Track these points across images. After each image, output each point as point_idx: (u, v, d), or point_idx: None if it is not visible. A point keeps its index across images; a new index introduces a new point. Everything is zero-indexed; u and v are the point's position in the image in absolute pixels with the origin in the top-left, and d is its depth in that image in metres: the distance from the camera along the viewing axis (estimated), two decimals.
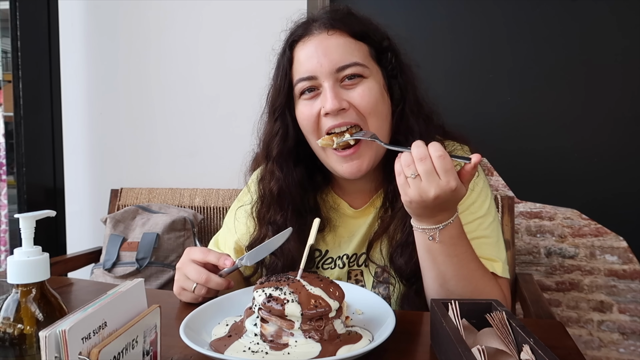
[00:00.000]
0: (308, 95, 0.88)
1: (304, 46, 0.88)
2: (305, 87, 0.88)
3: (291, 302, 0.64)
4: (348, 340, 0.66)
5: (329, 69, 0.85)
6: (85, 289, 1.10)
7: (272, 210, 0.96)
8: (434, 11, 1.85)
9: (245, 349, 0.65)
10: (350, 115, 0.86)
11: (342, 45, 0.86)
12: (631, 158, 1.70)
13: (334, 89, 0.85)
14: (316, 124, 0.88)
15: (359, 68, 0.86)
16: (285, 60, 0.90)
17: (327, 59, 0.85)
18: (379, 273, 0.96)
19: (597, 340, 1.76)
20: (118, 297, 0.52)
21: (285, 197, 0.94)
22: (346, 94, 0.86)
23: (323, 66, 0.85)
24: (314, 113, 0.88)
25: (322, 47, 0.86)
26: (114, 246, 1.74)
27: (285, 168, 0.94)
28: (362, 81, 0.87)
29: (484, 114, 1.82)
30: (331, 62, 0.85)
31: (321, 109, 0.86)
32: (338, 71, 0.85)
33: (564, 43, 1.74)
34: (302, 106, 0.90)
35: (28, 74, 2.00)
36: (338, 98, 0.85)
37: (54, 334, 0.43)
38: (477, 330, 0.68)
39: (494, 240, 0.93)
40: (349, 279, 0.98)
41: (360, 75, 0.86)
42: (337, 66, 0.85)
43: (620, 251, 1.73)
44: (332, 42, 0.86)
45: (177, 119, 2.05)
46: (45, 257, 0.55)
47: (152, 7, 2.04)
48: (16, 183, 2.06)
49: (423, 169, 0.71)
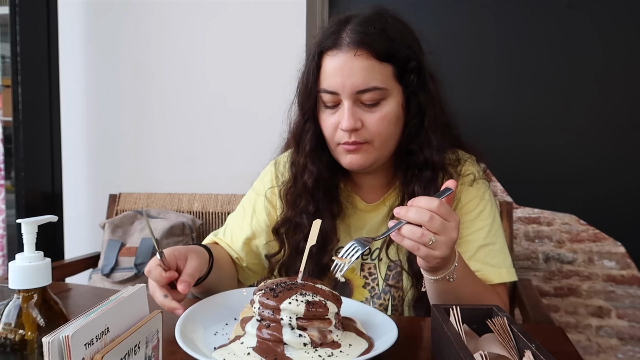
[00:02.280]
0: (330, 108, 0.94)
1: (331, 59, 0.92)
2: (329, 100, 0.93)
3: (329, 302, 0.68)
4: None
5: (350, 90, 0.90)
6: (84, 294, 1.09)
7: (303, 201, 1.00)
8: (435, 17, 1.86)
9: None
10: (362, 135, 0.92)
11: (366, 68, 0.89)
12: (630, 164, 1.71)
13: (352, 109, 0.90)
14: (333, 134, 0.94)
15: (378, 92, 0.90)
16: (314, 65, 0.94)
17: (350, 81, 0.89)
18: (392, 267, 1.00)
19: (596, 345, 1.76)
20: (120, 302, 0.52)
21: (319, 187, 1.00)
22: (363, 115, 0.91)
23: (345, 86, 0.90)
24: (333, 124, 0.94)
25: (347, 68, 0.90)
26: (113, 251, 1.73)
27: (317, 160, 1.00)
28: (380, 104, 0.92)
29: (482, 119, 1.83)
30: (353, 84, 0.89)
31: (339, 122, 0.92)
32: (358, 93, 0.90)
33: (563, 50, 1.75)
34: (325, 115, 0.96)
35: (27, 79, 2.00)
36: (354, 118, 0.90)
37: (57, 340, 0.43)
38: (478, 335, 0.68)
39: (500, 247, 0.98)
40: (362, 270, 1.02)
41: (378, 101, 0.91)
42: (358, 89, 0.89)
43: (618, 257, 1.73)
44: (356, 63, 0.89)
45: (176, 124, 2.05)
46: (47, 262, 0.54)
47: (151, 13, 2.04)
48: (14, 188, 2.06)
49: (437, 226, 0.71)
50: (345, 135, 0.92)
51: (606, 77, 1.72)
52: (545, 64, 1.77)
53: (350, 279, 1.03)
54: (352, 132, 0.91)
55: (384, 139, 0.93)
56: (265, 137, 1.21)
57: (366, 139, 0.92)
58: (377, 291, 1.01)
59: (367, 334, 0.74)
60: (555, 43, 1.76)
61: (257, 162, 1.24)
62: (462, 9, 1.83)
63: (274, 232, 1.04)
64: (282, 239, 1.04)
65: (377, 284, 1.01)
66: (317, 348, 0.66)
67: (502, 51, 1.81)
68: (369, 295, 1.01)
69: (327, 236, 0.99)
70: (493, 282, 0.94)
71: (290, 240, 1.02)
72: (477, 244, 0.96)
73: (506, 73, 1.81)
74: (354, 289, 1.02)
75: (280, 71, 1.93)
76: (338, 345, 0.68)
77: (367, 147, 0.93)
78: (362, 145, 0.92)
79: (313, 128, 0.98)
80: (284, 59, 1.90)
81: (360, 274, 1.02)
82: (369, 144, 0.93)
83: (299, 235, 1.01)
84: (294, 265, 1.01)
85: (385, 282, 1.00)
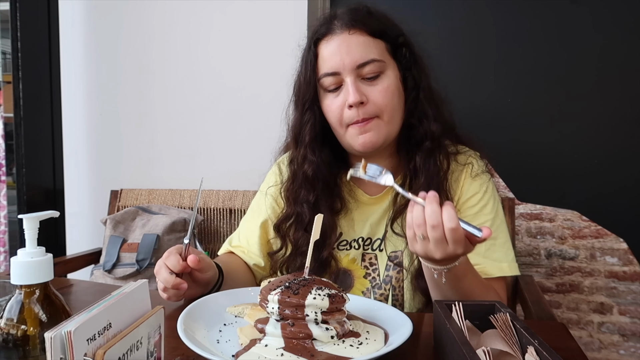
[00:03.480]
0: (333, 91, 0.97)
1: (327, 44, 0.96)
2: (330, 82, 0.96)
3: (344, 294, 0.69)
4: None
5: (351, 66, 0.93)
6: (86, 290, 1.09)
7: (304, 191, 1.03)
8: (436, 13, 1.85)
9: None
10: (369, 108, 0.94)
11: (362, 44, 0.94)
12: (632, 160, 1.71)
13: (355, 84, 0.94)
14: (340, 116, 0.96)
15: (377, 64, 0.94)
16: (311, 55, 0.98)
17: (349, 57, 0.93)
18: (393, 257, 1.01)
19: (598, 342, 1.76)
20: (122, 298, 0.52)
21: (318, 178, 1.02)
22: (366, 89, 0.95)
23: (345, 63, 0.93)
24: (338, 106, 0.96)
25: (344, 46, 0.94)
26: (114, 247, 1.73)
27: (317, 151, 1.02)
28: (380, 77, 0.95)
29: (484, 115, 1.82)
30: (352, 59, 0.93)
31: (345, 101, 0.95)
32: (359, 67, 0.94)
33: (564, 46, 1.74)
34: (328, 100, 0.98)
35: (28, 75, 2.00)
36: (359, 92, 0.93)
37: (59, 335, 0.42)
38: (480, 331, 0.68)
39: (502, 241, 0.98)
40: (363, 261, 1.04)
41: (378, 73, 0.95)
42: (357, 63, 0.93)
43: (621, 253, 1.73)
44: (352, 40, 0.94)
45: (178, 119, 2.05)
46: (49, 258, 0.54)
47: (152, 8, 2.04)
48: (16, 184, 2.06)
49: (433, 235, 0.72)
50: (353, 113, 0.94)
51: (608, 73, 1.71)
52: (548, 59, 1.76)
53: (351, 270, 1.04)
54: (360, 108, 0.94)
55: (390, 112, 0.96)
56: (267, 133, 1.21)
57: (374, 113, 0.95)
58: (377, 281, 1.02)
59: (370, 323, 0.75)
60: (557, 38, 1.75)
61: (258, 159, 1.24)
62: (463, 5, 1.82)
63: (276, 228, 1.06)
64: (283, 235, 1.05)
65: (378, 274, 1.02)
66: (343, 339, 0.67)
67: (504, 47, 1.80)
68: (369, 286, 1.02)
69: (326, 231, 1.01)
70: (493, 276, 0.95)
71: (291, 237, 1.04)
72: None
73: (509, 68, 1.80)
74: (355, 279, 1.03)
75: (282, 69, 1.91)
76: (358, 334, 0.69)
77: (377, 122, 0.96)
78: (372, 120, 0.95)
79: (312, 119, 1.01)
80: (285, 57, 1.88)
81: (361, 264, 1.04)
82: (378, 118, 0.96)
83: (299, 231, 1.02)
84: (294, 262, 1.03)
85: (386, 272, 1.01)
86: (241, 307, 0.81)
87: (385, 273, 1.01)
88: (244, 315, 0.78)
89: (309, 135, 1.01)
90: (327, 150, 1.03)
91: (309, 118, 1.00)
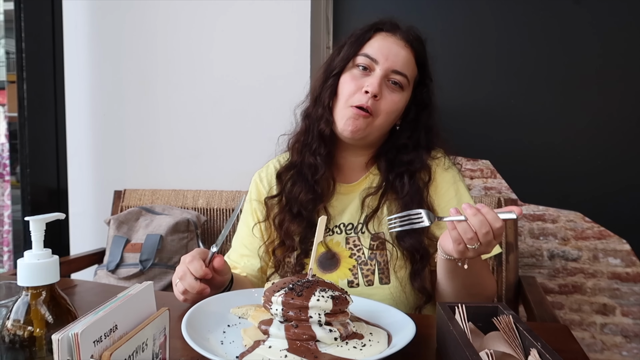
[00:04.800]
0: (360, 71, 1.06)
1: (384, 38, 1.07)
2: (363, 62, 1.05)
3: (348, 296, 0.70)
4: None
5: (388, 66, 1.04)
6: (90, 290, 1.10)
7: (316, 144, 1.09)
8: (438, 13, 1.85)
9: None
10: (376, 105, 1.03)
11: (407, 59, 1.06)
12: (634, 161, 1.71)
13: (381, 80, 1.04)
14: (353, 93, 1.04)
15: (405, 79, 1.05)
16: (366, 36, 1.07)
17: (393, 59, 1.04)
18: (374, 237, 1.08)
19: (600, 343, 1.76)
20: (128, 300, 0.52)
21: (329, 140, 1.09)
22: (386, 91, 1.05)
23: (387, 61, 1.04)
24: (357, 85, 1.04)
25: (394, 49, 1.05)
26: (118, 247, 1.74)
27: (331, 116, 1.08)
28: (399, 91, 1.06)
29: (487, 116, 1.82)
30: (394, 62, 1.04)
31: (364, 86, 1.03)
32: (392, 72, 1.04)
33: (566, 47, 1.74)
34: (350, 76, 1.06)
35: (32, 74, 2.01)
36: (381, 87, 1.03)
37: (66, 337, 0.43)
38: (483, 333, 0.68)
39: None
40: (347, 243, 1.09)
41: (401, 86, 1.05)
42: (394, 68, 1.04)
43: (623, 254, 1.73)
44: (403, 51, 1.06)
45: (181, 120, 2.05)
46: (55, 259, 0.55)
47: (155, 9, 2.04)
48: (20, 184, 2.07)
49: (486, 239, 0.78)
50: (363, 98, 1.02)
51: (610, 74, 1.71)
52: (551, 60, 1.76)
53: (337, 252, 1.09)
54: (371, 98, 1.02)
55: (384, 119, 1.05)
56: (270, 133, 1.21)
57: (376, 111, 1.04)
58: (363, 259, 1.07)
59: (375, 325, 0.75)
60: (560, 39, 1.75)
61: (261, 159, 1.25)
62: (464, 5, 1.82)
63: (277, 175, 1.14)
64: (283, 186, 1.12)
65: (363, 253, 1.07)
66: (347, 341, 0.68)
67: (507, 48, 1.80)
68: (355, 263, 1.07)
69: (313, 216, 1.08)
70: (488, 256, 1.04)
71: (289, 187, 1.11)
72: None
73: (511, 70, 1.80)
74: (341, 259, 1.08)
75: (285, 69, 1.93)
76: (361, 335, 0.70)
77: (371, 120, 1.04)
78: (368, 116, 1.03)
79: (333, 86, 1.08)
80: (289, 58, 1.90)
81: (346, 246, 1.09)
82: (374, 117, 1.04)
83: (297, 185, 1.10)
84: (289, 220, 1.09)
85: (370, 250, 1.07)
86: (245, 309, 0.82)
87: (370, 251, 1.07)
88: (248, 316, 0.78)
89: (328, 99, 1.08)
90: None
91: (331, 84, 1.08)
